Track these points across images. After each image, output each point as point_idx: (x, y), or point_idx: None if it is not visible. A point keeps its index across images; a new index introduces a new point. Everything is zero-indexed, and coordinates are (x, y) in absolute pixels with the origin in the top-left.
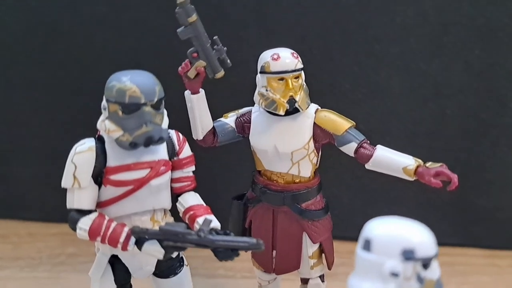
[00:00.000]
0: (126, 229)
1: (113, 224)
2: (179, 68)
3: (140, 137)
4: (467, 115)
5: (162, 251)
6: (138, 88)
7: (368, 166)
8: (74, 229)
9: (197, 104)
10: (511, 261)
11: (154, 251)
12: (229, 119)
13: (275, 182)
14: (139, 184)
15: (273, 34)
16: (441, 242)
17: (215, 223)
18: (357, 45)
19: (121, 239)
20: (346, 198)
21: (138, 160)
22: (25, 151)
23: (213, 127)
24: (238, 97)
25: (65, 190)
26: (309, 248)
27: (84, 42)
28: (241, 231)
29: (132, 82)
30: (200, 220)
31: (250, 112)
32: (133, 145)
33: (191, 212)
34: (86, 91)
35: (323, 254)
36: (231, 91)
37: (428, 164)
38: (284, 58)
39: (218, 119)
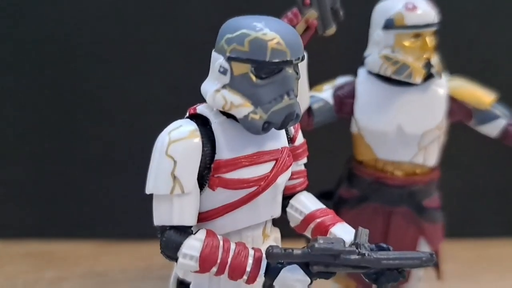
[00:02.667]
0: (252, 252)
1: (233, 246)
2: (284, 20)
3: (279, 114)
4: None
5: (308, 279)
6: (283, 39)
7: None
8: (174, 257)
9: None
10: None
11: (296, 281)
12: (325, 94)
13: (389, 174)
14: (266, 183)
15: None
16: (488, 233)
17: None
18: None
19: (248, 268)
20: None
21: (260, 149)
22: None
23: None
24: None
25: (37, 201)
26: None
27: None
28: None
29: (273, 30)
30: (337, 230)
31: (352, 83)
32: (265, 127)
33: (318, 220)
34: (56, 90)
35: None
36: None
37: None
38: (422, 7)
39: (311, 94)
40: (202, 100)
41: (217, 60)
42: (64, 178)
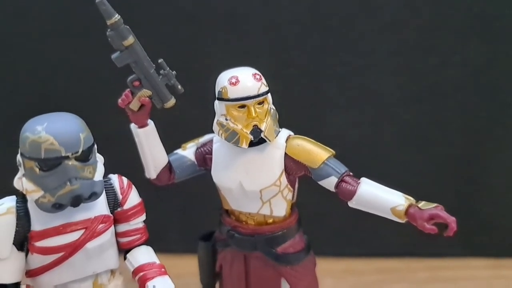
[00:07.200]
0: None
1: None
2: (119, 100)
3: (65, 197)
4: (466, 116)
5: None
6: (56, 139)
7: (351, 204)
8: None
9: (146, 139)
10: None
11: None
12: (188, 151)
13: (244, 223)
14: (72, 249)
15: (245, 36)
16: (443, 254)
17: None
18: (341, 44)
19: None
20: (336, 214)
21: (69, 220)
22: None
23: (169, 162)
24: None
25: None
26: None
27: None
28: (212, 276)
29: (48, 132)
30: (150, 285)
31: (211, 141)
32: (57, 207)
33: (141, 274)
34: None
35: None
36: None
37: (421, 204)
38: (244, 81)
39: (175, 152)
40: None
41: (18, 155)
42: None
